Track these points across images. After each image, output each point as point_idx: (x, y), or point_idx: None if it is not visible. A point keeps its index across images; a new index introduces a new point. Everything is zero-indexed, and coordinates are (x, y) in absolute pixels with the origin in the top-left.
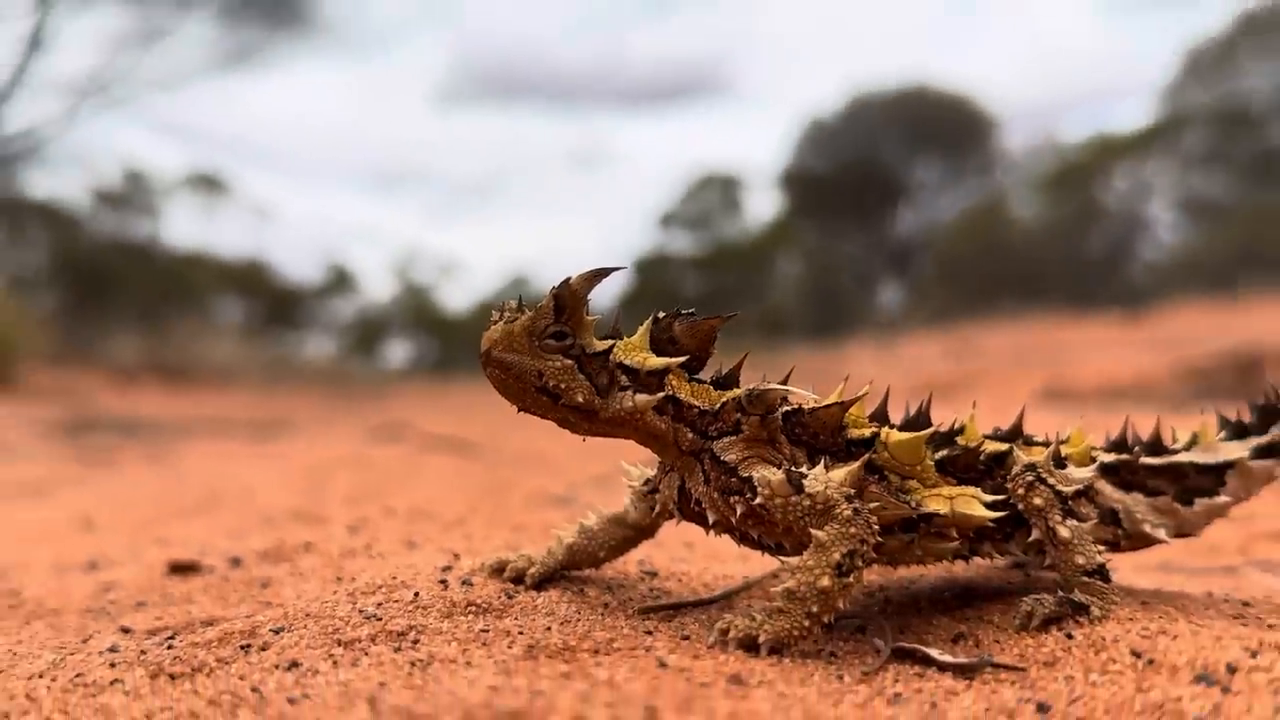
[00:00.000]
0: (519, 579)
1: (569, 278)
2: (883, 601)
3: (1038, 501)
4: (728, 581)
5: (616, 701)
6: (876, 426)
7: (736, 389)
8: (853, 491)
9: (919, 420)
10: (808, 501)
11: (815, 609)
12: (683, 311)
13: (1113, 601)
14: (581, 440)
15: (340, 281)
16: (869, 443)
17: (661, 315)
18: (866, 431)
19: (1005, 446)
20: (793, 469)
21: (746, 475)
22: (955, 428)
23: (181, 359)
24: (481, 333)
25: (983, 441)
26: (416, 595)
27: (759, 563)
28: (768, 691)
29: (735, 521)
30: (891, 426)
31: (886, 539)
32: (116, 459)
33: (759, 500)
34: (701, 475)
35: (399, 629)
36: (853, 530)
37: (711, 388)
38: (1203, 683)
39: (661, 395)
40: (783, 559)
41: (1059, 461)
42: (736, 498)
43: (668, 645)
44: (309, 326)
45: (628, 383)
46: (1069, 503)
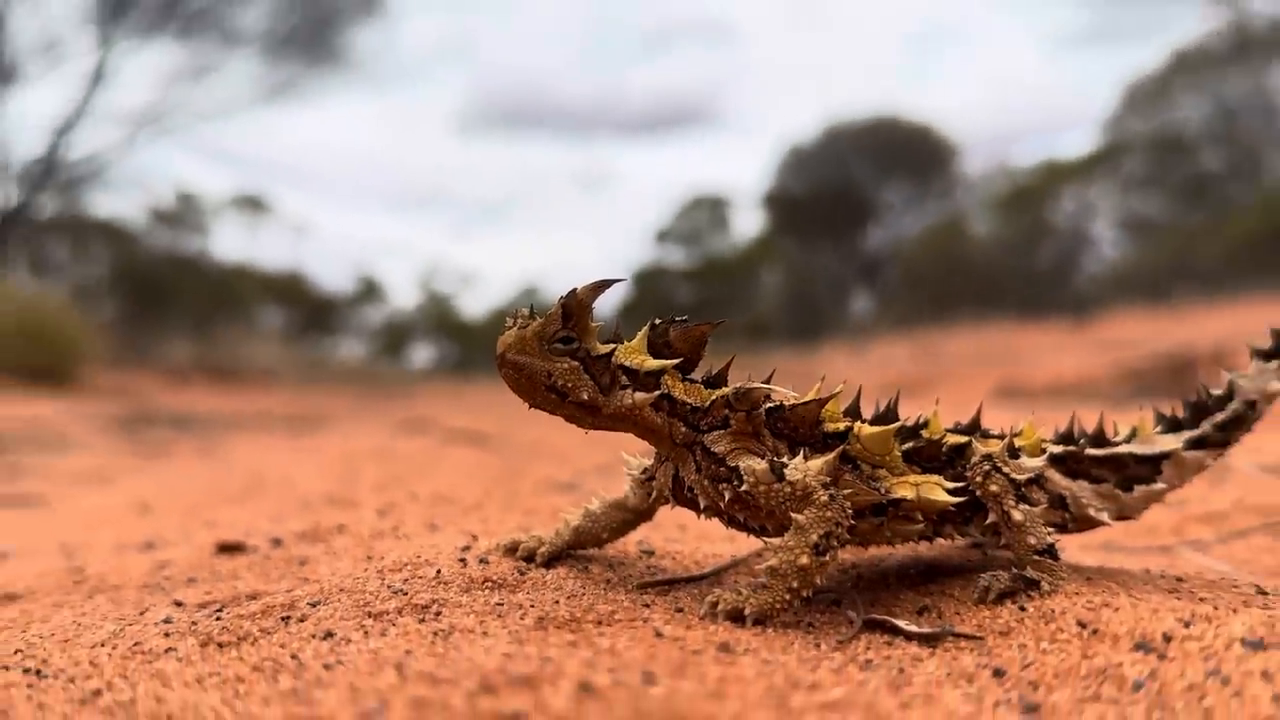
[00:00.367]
0: (530, 558)
1: (575, 289)
2: (855, 578)
3: (994, 488)
4: (717, 560)
5: (618, 667)
6: (850, 421)
7: (725, 388)
8: (829, 479)
9: (888, 415)
10: (788, 488)
11: (795, 584)
12: (676, 319)
13: (1061, 578)
14: (586, 433)
15: (370, 292)
16: (843, 436)
17: (658, 322)
18: (841, 425)
19: (965, 439)
20: (775, 459)
21: (734, 465)
22: (920, 422)
23: (228, 361)
24: (497, 337)
25: (945, 435)
26: (439, 572)
27: (745, 543)
28: (753, 658)
29: (724, 506)
30: (863, 421)
31: (859, 522)
32: (170, 451)
33: (745, 487)
34: (693, 465)
35: (423, 602)
36: (829, 514)
37: (702, 387)
38: (1141, 650)
39: (658, 393)
40: (766, 540)
41: (1013, 452)
42: (725, 485)
43: (663, 617)
44: (342, 332)
45: (628, 382)
46: (1022, 489)
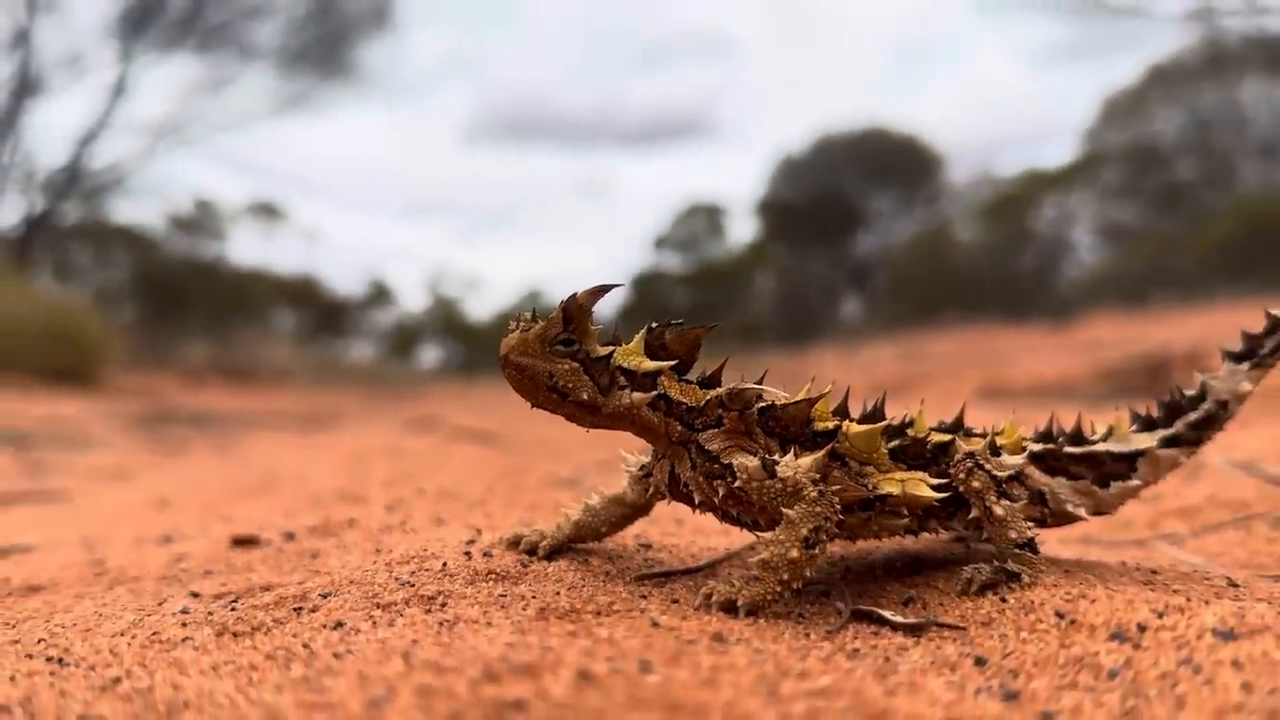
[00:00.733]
0: (532, 551)
1: (575, 293)
2: (844, 570)
3: (976, 484)
4: (712, 553)
5: (616, 656)
6: (838, 420)
7: (719, 388)
8: (818, 476)
9: (875, 415)
10: (780, 485)
11: (786, 577)
12: (673, 322)
13: (1040, 570)
14: (586, 432)
15: (380, 295)
16: (832, 434)
17: (655, 325)
18: (830, 424)
19: (949, 437)
20: (767, 457)
21: (727, 462)
22: (906, 421)
23: (244, 362)
24: (501, 340)
25: (929, 433)
26: (444, 565)
27: (738, 537)
28: (745, 648)
29: (718, 501)
30: (851, 420)
31: (847, 517)
32: (188, 448)
33: (738, 483)
34: (689, 462)
35: (429, 594)
36: (818, 509)
37: (697, 387)
38: (1117, 640)
39: (655, 394)
40: (758, 534)
41: (994, 450)
42: (719, 481)
43: (660, 608)
44: (353, 334)
45: (626, 383)
46: (1003, 485)
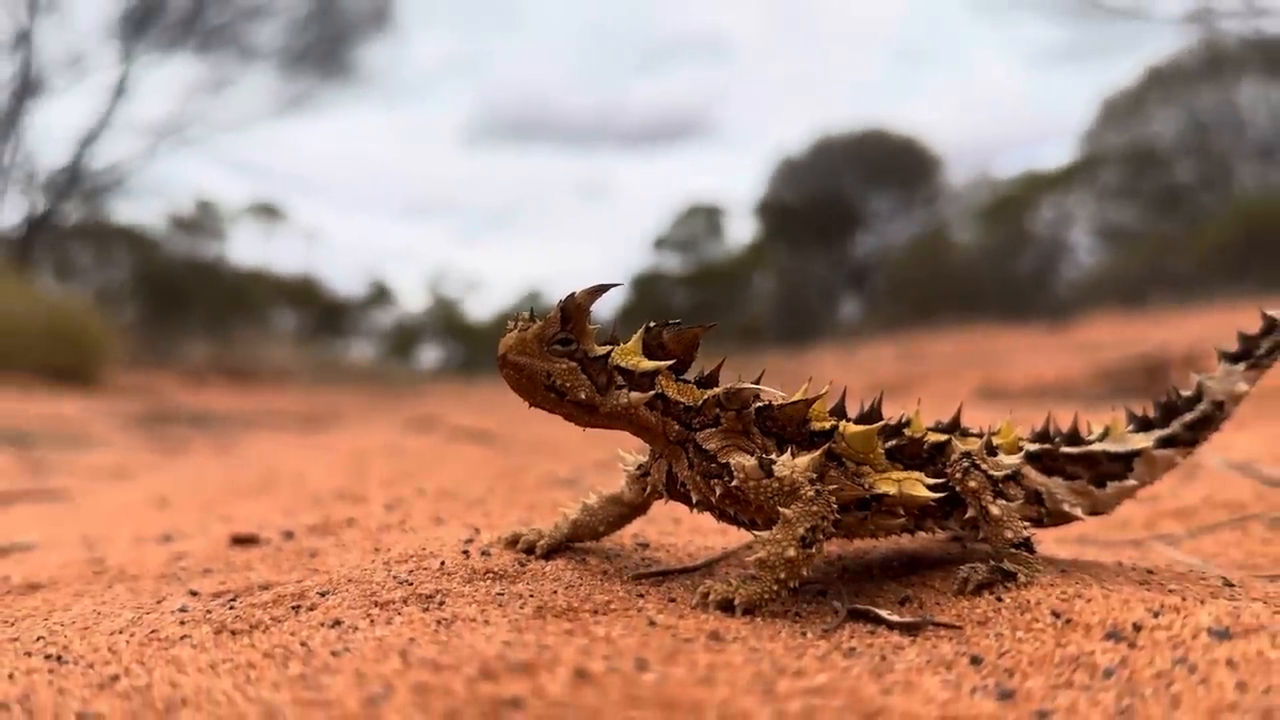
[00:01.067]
0: (530, 550)
1: (573, 293)
2: (840, 569)
3: (973, 484)
4: (709, 552)
5: (612, 654)
6: (835, 420)
7: (716, 388)
8: (815, 475)
9: (872, 415)
10: (777, 484)
11: (783, 576)
12: (670, 322)
13: (1036, 570)
14: (584, 431)
15: (380, 295)
16: (829, 434)
17: (653, 325)
18: (827, 424)
19: (945, 437)
20: (764, 456)
21: (725, 461)
22: (903, 421)
23: (244, 362)
24: (499, 339)
25: (926, 433)
26: (443, 564)
27: (736, 536)
28: (741, 646)
29: (715, 501)
30: (848, 420)
31: (844, 516)
32: (188, 448)
33: (735, 483)
34: (686, 461)
35: (427, 592)
36: (815, 509)
37: (695, 387)
38: (1113, 639)
39: (652, 393)
40: (755, 533)
41: (991, 450)
42: (716, 480)
43: (657, 606)
44: (353, 334)
45: (624, 382)
46: (999, 485)
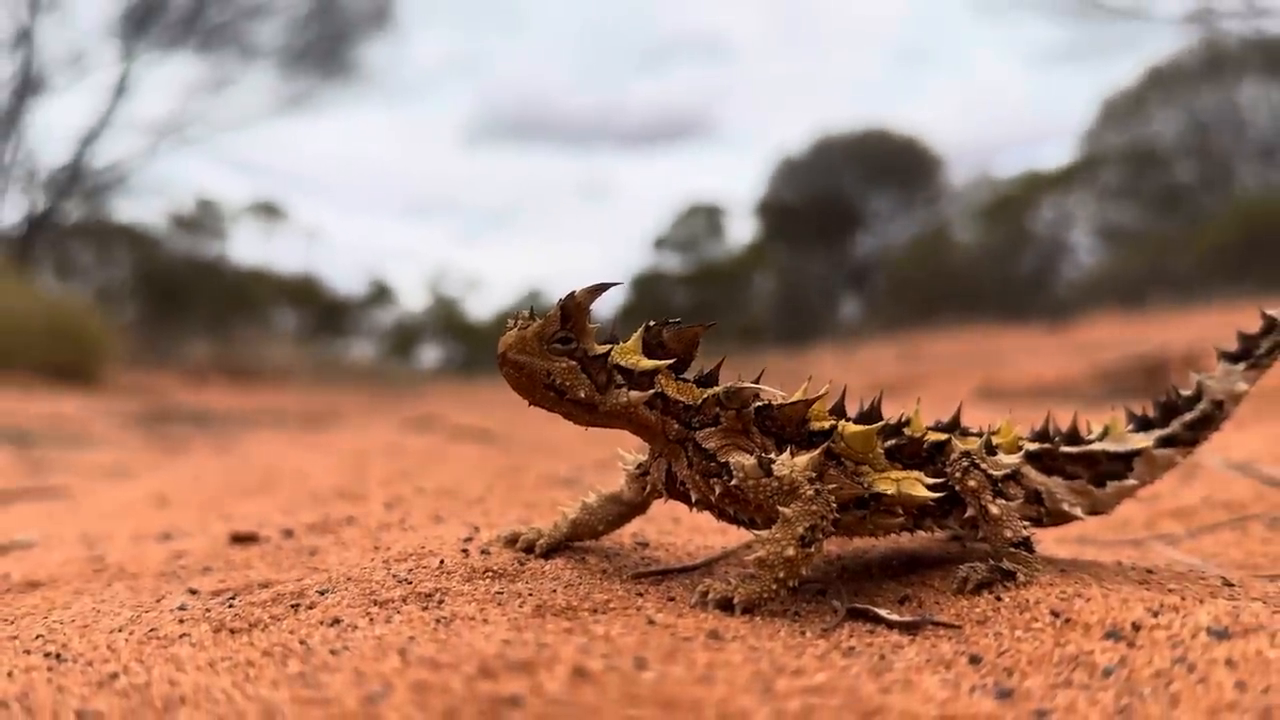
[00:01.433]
0: (530, 549)
1: (573, 291)
2: (840, 568)
3: (972, 484)
4: (708, 551)
5: (611, 653)
6: (835, 419)
7: (716, 387)
8: (814, 475)
9: (871, 414)
10: (776, 483)
11: (782, 575)
12: (670, 321)
13: (1036, 569)
14: (584, 430)
15: (381, 295)
16: (828, 433)
17: (652, 324)
18: (826, 424)
19: (945, 437)
20: (763, 455)
21: (724, 460)
22: (902, 421)
23: (244, 361)
24: (499, 338)
25: (926, 433)
26: (442, 562)
27: (735, 535)
28: (740, 645)
29: (715, 500)
30: (848, 420)
31: (843, 515)
32: (188, 446)
33: (735, 482)
34: (686, 460)
35: (427, 591)
36: (814, 508)
37: (695, 386)
38: (1112, 638)
39: (652, 392)
40: (755, 532)
41: (990, 450)
42: (716, 480)
43: (656, 605)
44: (353, 333)
45: (623, 381)
46: (999, 485)
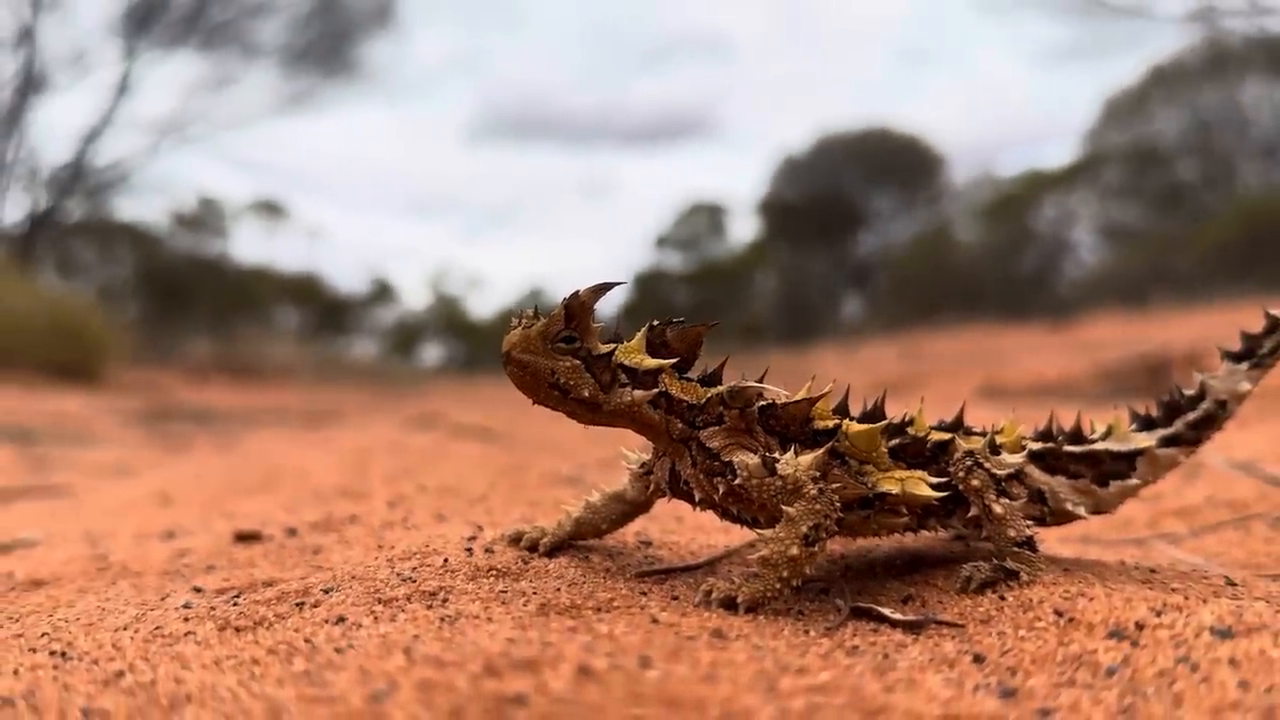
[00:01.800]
0: (533, 547)
1: (577, 291)
2: (843, 567)
3: (975, 483)
4: (712, 550)
5: (615, 652)
6: (838, 419)
7: (720, 386)
8: (818, 474)
9: (875, 413)
10: (780, 482)
11: (786, 574)
12: (674, 320)
13: (1039, 568)
14: (586, 429)
15: (382, 293)
16: (832, 433)
17: (656, 323)
18: (830, 423)
19: (948, 436)
20: (767, 455)
21: (728, 460)
22: (906, 420)
23: (246, 359)
24: (503, 337)
25: (929, 432)
26: (446, 561)
27: (739, 534)
28: (744, 644)
29: (718, 499)
30: (851, 419)
31: (847, 514)
32: (190, 444)
33: (738, 481)
34: (689, 459)
35: (431, 589)
36: (818, 507)
37: (698, 385)
38: (1115, 638)
39: (656, 391)
40: (758, 531)
41: (994, 449)
42: (719, 479)
43: (660, 604)
44: (355, 331)
45: (627, 380)
46: (1002, 484)
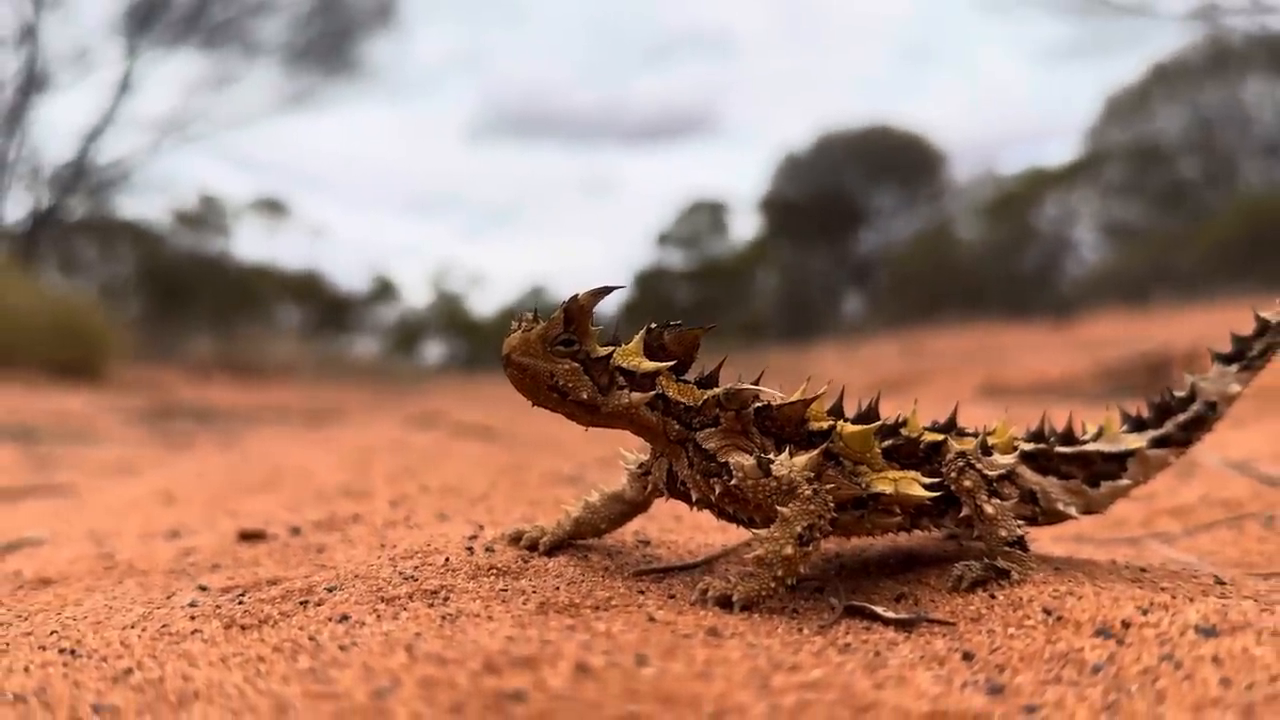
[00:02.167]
0: (533, 546)
1: (576, 295)
2: (838, 566)
3: (968, 483)
4: (709, 549)
5: (613, 649)
6: (833, 420)
7: (716, 388)
8: (813, 475)
9: (869, 415)
10: (775, 483)
11: (780, 573)
12: (671, 323)
13: (1030, 567)
14: (585, 430)
15: (384, 291)
16: (827, 434)
17: (654, 326)
18: (825, 424)
19: (941, 437)
20: (763, 456)
21: (724, 461)
22: (899, 421)
23: (248, 357)
24: (503, 338)
25: (922, 433)
26: (447, 560)
27: (735, 534)
28: (739, 642)
29: (714, 499)
30: (846, 420)
31: (841, 514)
32: (193, 443)
33: (734, 482)
34: (686, 460)
35: (432, 588)
36: (812, 507)
37: (695, 387)
38: (1102, 636)
39: (653, 393)
40: (754, 531)
41: (986, 450)
42: (716, 479)
43: (657, 603)
44: (357, 330)
45: (625, 383)
46: (994, 485)
